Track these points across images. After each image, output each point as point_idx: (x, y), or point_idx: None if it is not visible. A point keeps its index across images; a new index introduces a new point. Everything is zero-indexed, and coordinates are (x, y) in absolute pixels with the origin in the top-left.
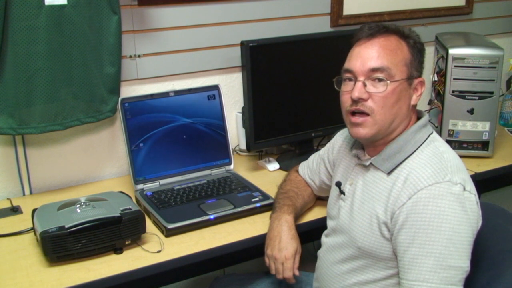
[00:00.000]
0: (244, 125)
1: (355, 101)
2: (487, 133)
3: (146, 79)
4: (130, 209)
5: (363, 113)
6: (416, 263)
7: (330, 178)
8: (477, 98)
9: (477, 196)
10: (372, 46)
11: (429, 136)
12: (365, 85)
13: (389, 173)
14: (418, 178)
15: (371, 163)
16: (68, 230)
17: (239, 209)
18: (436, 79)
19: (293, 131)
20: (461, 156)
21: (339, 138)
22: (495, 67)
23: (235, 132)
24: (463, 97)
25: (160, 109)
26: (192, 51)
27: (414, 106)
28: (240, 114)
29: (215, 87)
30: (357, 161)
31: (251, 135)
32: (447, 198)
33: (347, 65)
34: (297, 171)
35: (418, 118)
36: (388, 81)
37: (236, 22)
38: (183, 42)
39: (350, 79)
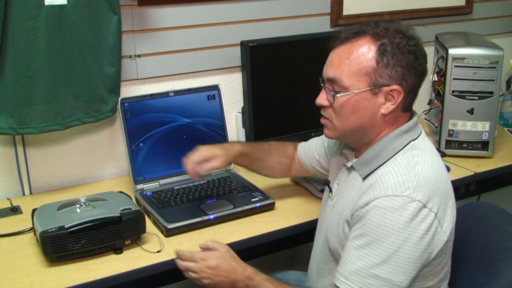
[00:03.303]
0: (244, 125)
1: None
2: (487, 133)
3: (146, 79)
4: (130, 209)
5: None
6: (348, 261)
7: (323, 164)
8: (477, 98)
9: (442, 215)
10: (335, 53)
11: (409, 143)
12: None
13: (364, 178)
14: (381, 186)
15: (352, 166)
16: (68, 230)
17: (239, 209)
18: (436, 79)
19: (293, 131)
20: (461, 156)
21: None
22: (495, 67)
23: (235, 132)
24: (463, 97)
25: (160, 109)
26: (192, 51)
27: (390, 113)
28: (240, 114)
29: (215, 87)
30: (344, 162)
31: (251, 135)
32: (398, 213)
33: None
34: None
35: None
36: (337, 95)
37: (236, 22)
38: (183, 42)
39: (323, 83)
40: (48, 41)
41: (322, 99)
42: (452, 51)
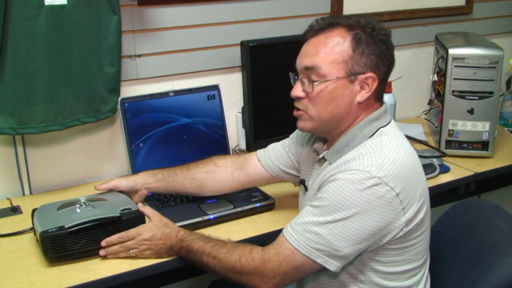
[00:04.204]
0: (244, 125)
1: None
2: (487, 133)
3: (146, 79)
4: (130, 209)
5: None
6: (300, 215)
7: (295, 164)
8: (477, 98)
9: (405, 198)
10: (310, 44)
11: (378, 129)
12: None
13: (333, 163)
14: (347, 165)
15: (323, 157)
16: (68, 230)
17: (239, 209)
18: (436, 79)
19: (293, 131)
20: (461, 156)
21: (299, 132)
22: (495, 67)
23: (235, 132)
24: (463, 97)
25: (160, 109)
26: (192, 51)
27: (365, 101)
28: (240, 114)
29: (215, 87)
30: (316, 158)
31: (251, 135)
32: (355, 185)
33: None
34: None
35: None
36: (315, 83)
37: (236, 22)
38: (183, 42)
39: (296, 76)
40: (48, 41)
41: (297, 90)
42: (452, 51)
